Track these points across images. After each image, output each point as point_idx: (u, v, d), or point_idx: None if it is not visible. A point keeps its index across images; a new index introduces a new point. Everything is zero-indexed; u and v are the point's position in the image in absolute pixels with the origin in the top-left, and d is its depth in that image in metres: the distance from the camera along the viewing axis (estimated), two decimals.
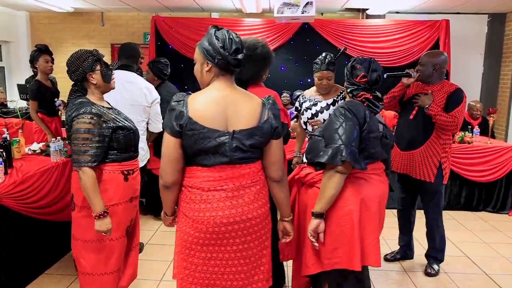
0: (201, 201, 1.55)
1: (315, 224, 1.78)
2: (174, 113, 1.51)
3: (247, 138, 1.54)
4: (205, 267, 1.59)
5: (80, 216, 2.09)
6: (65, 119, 2.08)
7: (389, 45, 5.84)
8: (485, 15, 6.25)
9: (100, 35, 6.86)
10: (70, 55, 2.08)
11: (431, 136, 2.77)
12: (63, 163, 3.09)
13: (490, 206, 4.40)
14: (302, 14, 4.02)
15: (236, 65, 1.54)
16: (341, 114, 1.77)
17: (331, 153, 1.70)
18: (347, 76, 1.93)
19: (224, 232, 1.55)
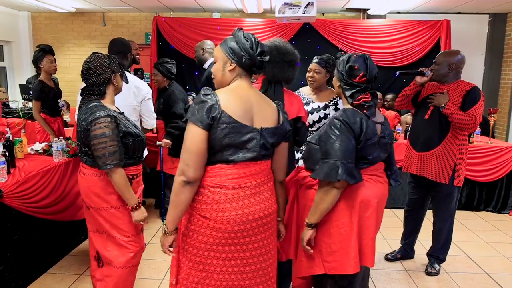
0: (226, 200, 1.53)
1: (309, 234, 1.80)
2: (206, 105, 1.47)
3: (270, 137, 1.59)
4: (224, 268, 1.57)
5: (92, 214, 2.15)
6: (78, 122, 2.07)
7: (390, 45, 5.84)
8: (486, 15, 6.25)
9: (101, 36, 6.87)
10: (89, 59, 2.08)
11: (447, 136, 2.73)
12: (65, 163, 3.11)
13: (490, 206, 4.41)
14: (304, 15, 4.03)
15: (260, 66, 1.58)
16: (336, 127, 1.72)
17: (326, 170, 1.68)
18: (343, 78, 1.81)
19: (248, 229, 1.57)
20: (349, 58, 1.81)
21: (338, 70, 1.84)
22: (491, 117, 4.33)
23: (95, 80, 2.05)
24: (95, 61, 2.06)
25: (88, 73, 2.05)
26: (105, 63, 2.06)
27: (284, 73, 2.19)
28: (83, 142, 2.07)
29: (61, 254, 3.13)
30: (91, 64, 2.05)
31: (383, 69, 5.86)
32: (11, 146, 2.85)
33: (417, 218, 3.10)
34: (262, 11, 5.93)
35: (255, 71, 1.60)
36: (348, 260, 1.78)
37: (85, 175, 2.13)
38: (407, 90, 2.92)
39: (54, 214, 2.90)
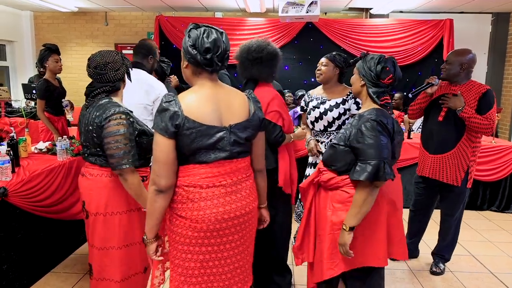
0: (200, 199, 1.51)
1: (350, 238, 1.75)
2: (168, 113, 1.44)
3: (242, 131, 1.55)
4: (202, 270, 1.55)
5: (93, 223, 2.00)
6: (86, 121, 1.93)
7: (393, 44, 5.84)
8: (489, 15, 6.24)
9: (104, 35, 6.87)
10: (103, 54, 1.95)
11: (462, 138, 2.68)
12: (69, 162, 3.10)
13: (494, 205, 4.39)
14: (307, 14, 4.03)
15: (208, 64, 1.50)
16: (373, 128, 1.71)
17: (372, 170, 1.66)
18: (372, 77, 1.80)
19: (224, 228, 1.54)
20: (380, 59, 1.81)
21: (366, 69, 1.83)
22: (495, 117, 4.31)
23: (112, 76, 1.94)
24: (112, 56, 1.94)
25: (105, 68, 1.91)
26: (120, 59, 1.97)
27: (248, 71, 2.25)
28: (93, 141, 1.92)
29: (65, 254, 3.13)
30: (109, 59, 1.92)
31: None
32: (15, 145, 2.85)
33: (424, 219, 3.07)
34: (264, 10, 5.93)
35: (206, 69, 1.52)
36: (381, 252, 1.81)
37: (92, 176, 1.98)
38: (420, 103, 2.86)
39: (58, 213, 2.89)
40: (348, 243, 1.74)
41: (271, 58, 2.25)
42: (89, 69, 1.95)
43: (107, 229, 1.99)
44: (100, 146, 1.90)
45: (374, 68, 1.79)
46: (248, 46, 2.26)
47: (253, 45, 2.25)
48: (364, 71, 1.83)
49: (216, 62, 1.51)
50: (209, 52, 1.48)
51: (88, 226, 2.04)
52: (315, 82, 5.79)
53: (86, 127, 1.92)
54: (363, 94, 1.87)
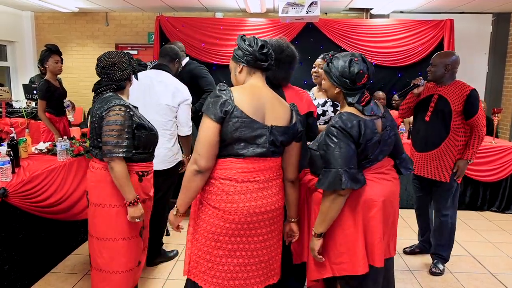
0: (235, 192, 1.62)
1: (319, 244, 1.77)
2: (220, 100, 1.58)
3: (280, 135, 1.67)
4: (229, 259, 1.66)
5: (93, 213, 2.12)
6: (92, 114, 2.06)
7: (393, 44, 5.83)
8: (490, 15, 6.23)
9: (104, 35, 6.88)
10: (111, 54, 2.08)
11: (446, 138, 2.80)
12: (69, 162, 3.11)
13: (494, 206, 4.39)
14: (307, 14, 4.03)
15: (264, 59, 1.68)
16: (334, 135, 1.68)
17: (330, 180, 1.66)
18: (347, 84, 1.74)
19: (255, 221, 1.66)
20: (350, 64, 1.72)
21: (339, 77, 1.75)
22: (495, 117, 4.31)
23: (118, 76, 2.06)
24: (118, 57, 2.06)
25: (112, 68, 2.04)
26: (127, 60, 2.09)
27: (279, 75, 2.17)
28: (95, 132, 2.04)
29: (65, 253, 3.14)
30: (116, 59, 2.05)
31: (386, 68, 5.86)
32: (15, 146, 2.86)
33: (427, 214, 3.19)
34: (265, 10, 5.93)
35: (262, 65, 1.69)
36: (357, 261, 1.76)
37: (94, 169, 2.10)
38: (408, 103, 3.00)
39: (58, 214, 2.91)
40: (316, 248, 1.77)
41: (289, 61, 2.18)
42: (97, 68, 2.08)
43: (105, 220, 2.08)
44: (100, 137, 2.00)
45: (348, 75, 1.72)
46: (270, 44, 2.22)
47: (273, 45, 2.16)
48: (337, 80, 1.75)
49: (270, 57, 1.70)
50: (264, 48, 1.67)
51: (89, 216, 2.15)
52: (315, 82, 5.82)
53: (91, 119, 2.05)
54: (340, 98, 1.82)
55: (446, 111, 2.77)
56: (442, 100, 2.80)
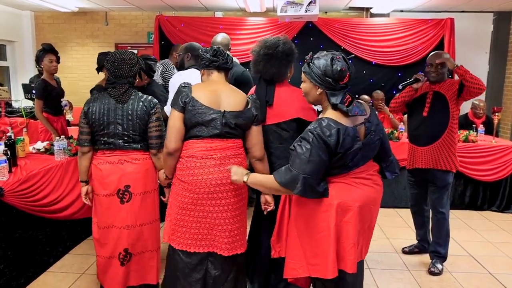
0: (195, 167, 1.97)
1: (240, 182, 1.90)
2: (180, 94, 1.98)
3: (233, 118, 1.98)
4: (198, 224, 2.00)
5: (139, 203, 2.29)
6: (133, 111, 2.22)
7: (394, 43, 5.81)
8: (491, 14, 6.20)
9: (104, 35, 6.88)
10: (119, 53, 2.26)
11: (447, 128, 2.89)
12: (67, 161, 3.10)
13: (494, 205, 4.37)
14: (306, 13, 4.01)
15: (215, 60, 2.06)
16: (308, 141, 1.64)
17: (288, 179, 1.68)
18: (330, 83, 1.67)
19: (213, 192, 1.97)
20: (332, 61, 1.66)
21: (321, 76, 1.67)
22: (496, 116, 4.28)
23: (126, 71, 2.22)
24: (128, 55, 2.25)
25: (121, 63, 2.21)
26: (135, 59, 2.28)
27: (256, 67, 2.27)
28: (140, 128, 2.24)
29: (62, 253, 3.13)
30: (125, 56, 2.24)
31: (386, 68, 5.84)
32: (13, 145, 2.85)
33: (422, 213, 3.21)
34: (264, 10, 5.91)
35: (214, 64, 2.06)
36: (327, 264, 1.73)
37: (138, 160, 2.28)
38: (404, 97, 3.03)
39: (54, 213, 2.91)
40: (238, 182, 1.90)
41: (282, 57, 2.19)
42: (107, 64, 2.25)
43: (152, 203, 2.36)
44: (145, 132, 2.26)
45: (331, 73, 1.66)
46: (264, 41, 2.26)
47: (268, 41, 2.24)
48: (318, 79, 1.68)
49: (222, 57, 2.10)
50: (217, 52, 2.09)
51: (130, 209, 2.28)
52: None
53: (129, 117, 2.21)
54: (322, 101, 1.75)
55: (444, 103, 2.87)
56: (437, 95, 2.89)
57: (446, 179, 2.94)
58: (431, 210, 3.07)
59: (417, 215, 3.24)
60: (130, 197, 2.26)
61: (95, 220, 2.35)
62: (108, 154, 2.25)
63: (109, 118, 2.20)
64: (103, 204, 2.29)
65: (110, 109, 2.21)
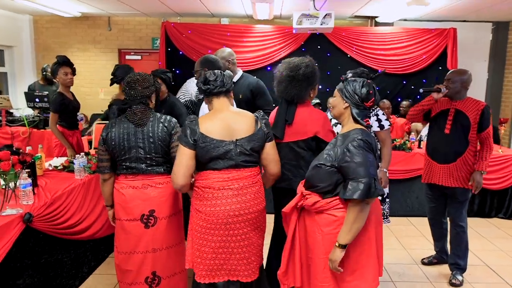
0: (212, 198, 1.95)
1: (342, 255, 1.79)
2: (189, 130, 1.95)
3: (247, 144, 1.98)
4: (214, 255, 1.98)
5: (165, 227, 2.26)
6: (154, 133, 2.20)
7: (399, 52, 5.89)
8: (490, 23, 6.35)
9: (107, 40, 6.76)
10: (136, 73, 2.26)
11: (467, 148, 2.95)
12: (88, 180, 3.04)
13: (501, 212, 4.51)
14: (321, 26, 4.05)
15: (207, 89, 2.03)
16: (361, 146, 1.77)
17: (364, 188, 1.71)
18: (356, 100, 1.88)
19: (230, 223, 1.96)
20: (363, 83, 1.89)
21: (351, 92, 1.89)
22: (502, 127, 4.42)
23: (140, 92, 2.21)
24: (143, 76, 2.26)
25: (136, 83, 2.21)
26: (151, 80, 2.28)
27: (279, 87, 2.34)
28: (162, 150, 2.21)
29: (87, 274, 3.08)
30: (141, 77, 2.24)
31: (391, 76, 5.92)
32: (33, 165, 2.73)
33: (440, 225, 3.28)
34: (272, 17, 5.92)
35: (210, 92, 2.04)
36: (372, 276, 1.85)
37: (162, 184, 2.24)
38: (423, 105, 3.09)
39: (78, 234, 2.85)
40: (339, 260, 1.79)
41: (303, 79, 2.28)
42: (124, 83, 2.27)
43: (176, 226, 2.33)
44: (167, 153, 2.23)
45: (359, 91, 1.88)
46: (288, 62, 2.34)
47: (291, 63, 2.31)
48: (348, 94, 1.90)
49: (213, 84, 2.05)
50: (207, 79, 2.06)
51: (155, 233, 2.25)
52: (322, 89, 5.85)
53: (150, 139, 2.19)
54: (345, 116, 1.93)
55: (465, 124, 2.92)
56: (460, 114, 2.95)
57: (465, 194, 3.01)
58: (449, 223, 3.14)
59: (436, 228, 3.31)
60: (155, 221, 2.23)
61: (116, 245, 2.31)
62: (131, 178, 2.22)
63: (130, 142, 2.18)
64: (125, 229, 2.24)
65: (130, 133, 2.18)
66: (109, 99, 6.25)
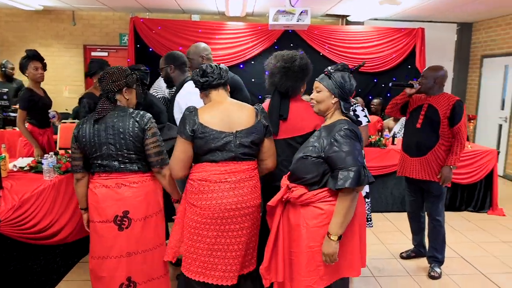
0: (209, 191, 1.89)
1: (338, 247, 1.78)
2: (188, 120, 1.90)
3: (247, 136, 1.94)
4: (209, 252, 1.92)
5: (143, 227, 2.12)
6: (124, 129, 2.06)
7: (370, 51, 6.01)
8: (455, 24, 6.61)
9: (71, 36, 6.43)
10: (112, 67, 2.15)
11: (437, 143, 3.00)
12: (58, 181, 2.84)
13: (471, 206, 4.67)
14: (297, 22, 4.02)
15: (206, 81, 1.98)
16: (348, 136, 1.78)
17: (354, 177, 1.71)
18: (345, 94, 1.89)
19: (227, 217, 1.90)
20: (349, 76, 1.91)
21: (339, 86, 1.88)
22: (470, 123, 4.58)
23: (106, 85, 2.09)
24: (115, 69, 2.13)
25: (104, 77, 2.11)
26: (123, 74, 2.12)
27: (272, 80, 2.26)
28: (135, 147, 2.07)
29: (56, 281, 2.87)
30: (109, 70, 2.12)
31: (363, 74, 6.02)
32: None
33: (419, 218, 3.34)
34: (244, 14, 5.85)
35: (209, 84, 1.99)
36: (355, 262, 1.89)
37: (140, 183, 2.10)
38: (397, 100, 3.18)
39: (48, 239, 2.67)
40: (337, 251, 1.78)
41: (298, 71, 2.22)
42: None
43: (153, 229, 2.16)
44: (141, 150, 2.08)
45: (348, 84, 1.89)
46: (281, 54, 2.28)
47: (285, 55, 2.26)
48: (339, 90, 1.88)
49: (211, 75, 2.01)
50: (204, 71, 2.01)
51: (129, 236, 2.09)
52: None
53: (121, 135, 2.04)
54: (331, 110, 1.93)
55: (435, 118, 2.97)
56: (431, 108, 3.01)
57: (440, 188, 3.06)
58: (428, 215, 3.20)
59: (414, 221, 3.37)
60: (129, 223, 2.08)
61: (90, 249, 2.17)
62: (105, 177, 2.08)
63: (101, 139, 2.05)
64: (98, 232, 2.10)
65: (100, 129, 2.05)
66: (74, 97, 5.99)
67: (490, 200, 4.63)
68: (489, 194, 4.64)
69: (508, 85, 6.07)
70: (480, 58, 6.50)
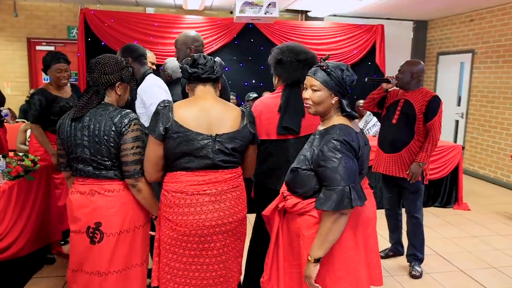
0: (185, 205, 1.64)
1: (316, 270, 1.58)
2: (159, 117, 1.63)
3: (228, 142, 1.67)
4: (185, 272, 1.69)
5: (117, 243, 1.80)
6: (100, 130, 1.74)
7: (331, 47, 5.98)
8: (411, 22, 6.76)
9: (12, 28, 5.79)
10: (103, 55, 1.83)
11: (412, 139, 2.94)
12: (8, 187, 2.44)
13: (437, 201, 4.73)
14: (265, 15, 3.83)
15: (194, 72, 1.71)
16: (337, 149, 1.54)
17: (337, 199, 1.50)
18: (346, 91, 1.63)
19: (206, 235, 1.66)
20: (348, 71, 1.64)
21: (343, 85, 1.61)
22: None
23: (96, 78, 1.78)
24: (109, 58, 1.82)
25: (95, 67, 1.79)
26: (117, 66, 1.81)
27: (298, 72, 2.08)
28: (110, 152, 1.75)
29: None
30: (106, 60, 1.80)
31: None
32: None
33: (396, 215, 3.29)
34: (202, 8, 5.56)
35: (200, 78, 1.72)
36: (360, 284, 1.65)
37: (115, 192, 1.79)
38: (374, 94, 3.11)
39: None
40: (314, 275, 1.58)
41: (308, 63, 2.08)
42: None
43: (130, 246, 1.85)
44: (117, 157, 1.77)
45: (349, 83, 1.63)
46: (293, 46, 2.15)
47: (297, 47, 2.14)
48: (339, 87, 1.61)
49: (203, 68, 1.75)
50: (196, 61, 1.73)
51: (101, 252, 1.79)
52: (256, 83, 5.65)
53: (96, 138, 1.74)
54: (334, 109, 1.67)
55: (411, 114, 2.91)
56: (408, 104, 2.94)
57: (416, 185, 3.00)
58: (406, 214, 3.14)
59: (392, 219, 3.31)
60: (101, 237, 1.79)
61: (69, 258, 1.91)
62: (81, 182, 1.81)
63: (76, 139, 1.76)
64: (72, 242, 1.85)
65: (77, 128, 1.76)
66: (17, 94, 5.39)
67: (455, 195, 4.71)
68: (455, 189, 4.72)
69: (463, 82, 6.29)
70: (436, 55, 6.70)
